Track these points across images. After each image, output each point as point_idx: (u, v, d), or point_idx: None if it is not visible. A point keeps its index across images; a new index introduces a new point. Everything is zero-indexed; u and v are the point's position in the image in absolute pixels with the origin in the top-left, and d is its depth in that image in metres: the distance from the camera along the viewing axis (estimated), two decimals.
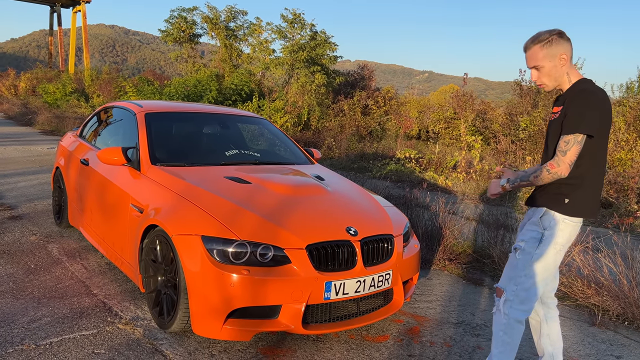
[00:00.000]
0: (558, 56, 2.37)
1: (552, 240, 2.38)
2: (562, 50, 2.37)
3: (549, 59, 2.38)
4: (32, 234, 4.84)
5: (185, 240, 2.82)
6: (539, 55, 2.40)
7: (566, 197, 2.36)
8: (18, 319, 3.08)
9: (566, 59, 2.38)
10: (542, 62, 2.40)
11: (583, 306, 3.91)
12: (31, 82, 29.61)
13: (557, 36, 2.37)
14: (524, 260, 2.43)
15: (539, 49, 2.39)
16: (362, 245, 2.99)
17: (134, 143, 3.85)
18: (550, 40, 2.37)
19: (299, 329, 2.77)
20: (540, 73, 2.43)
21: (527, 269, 2.41)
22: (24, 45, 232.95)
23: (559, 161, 2.30)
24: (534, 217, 2.46)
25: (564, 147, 2.29)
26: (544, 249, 2.39)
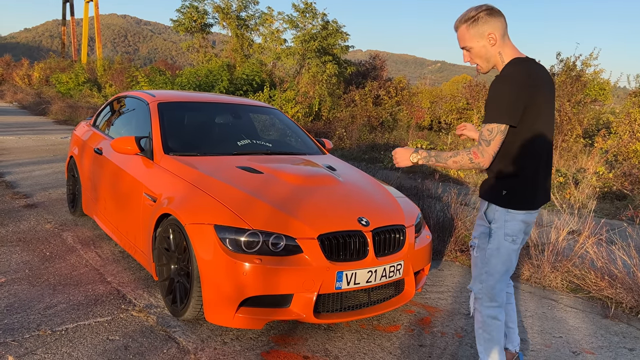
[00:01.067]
0: (486, 35, 2.19)
1: (501, 232, 2.26)
2: (490, 28, 2.18)
3: (477, 38, 2.21)
4: (47, 222, 4.91)
5: (198, 229, 2.84)
6: (466, 35, 2.23)
7: (503, 189, 2.23)
8: (34, 305, 3.13)
9: (495, 38, 2.19)
10: (470, 42, 2.23)
11: (596, 298, 3.88)
12: (44, 71, 29.84)
13: (485, 13, 2.19)
14: (481, 257, 2.33)
15: (466, 29, 2.22)
16: (373, 236, 2.99)
17: (147, 132, 3.87)
18: (476, 18, 2.19)
19: (310, 318, 2.79)
20: (471, 54, 2.26)
21: (486, 266, 2.32)
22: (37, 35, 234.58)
23: (482, 151, 2.15)
24: (481, 210, 2.35)
25: (488, 137, 2.14)
26: (496, 243, 2.27)
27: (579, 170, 9.30)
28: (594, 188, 7.68)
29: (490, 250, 2.29)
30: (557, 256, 4.26)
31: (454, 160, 2.22)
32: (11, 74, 33.95)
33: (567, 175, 8.75)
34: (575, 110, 12.38)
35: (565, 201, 6.90)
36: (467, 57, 2.30)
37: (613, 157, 10.54)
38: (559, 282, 4.11)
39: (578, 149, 11.75)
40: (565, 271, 4.14)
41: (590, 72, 14.27)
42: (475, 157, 2.17)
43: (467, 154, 2.19)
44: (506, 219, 2.25)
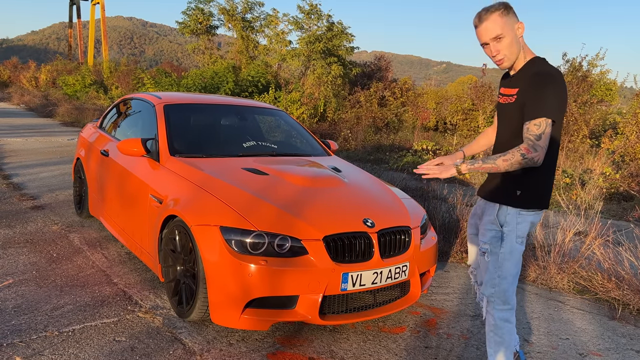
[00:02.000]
0: (516, 26, 2.19)
1: (514, 235, 2.27)
2: (518, 20, 2.20)
3: (510, 27, 2.16)
4: (54, 224, 4.94)
5: (204, 230, 2.85)
6: (499, 23, 2.15)
7: (518, 189, 2.23)
8: (41, 307, 3.15)
9: (522, 30, 2.20)
10: (503, 30, 2.16)
11: (603, 300, 3.86)
12: (51, 74, 30.03)
13: (509, 6, 2.20)
14: (493, 262, 2.32)
15: (499, 16, 2.16)
16: (379, 237, 2.98)
17: (153, 134, 3.89)
18: (506, 8, 2.17)
19: (315, 319, 2.79)
20: (502, 45, 2.19)
21: (499, 270, 2.31)
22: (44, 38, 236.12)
23: (535, 146, 2.09)
24: (489, 214, 2.33)
25: (537, 131, 2.09)
26: (509, 246, 2.28)
27: (585, 171, 9.25)
28: (600, 189, 7.64)
29: (504, 254, 2.28)
30: (563, 257, 4.24)
31: (503, 159, 2.14)
32: (18, 77, 34.17)
33: (574, 176, 8.70)
34: (582, 110, 12.33)
35: (572, 202, 6.87)
36: (495, 48, 2.21)
37: (620, 157, 10.48)
38: (566, 283, 4.09)
39: (584, 150, 11.69)
40: (571, 272, 4.13)
41: (596, 72, 14.20)
42: (527, 152, 2.10)
43: (517, 151, 2.12)
44: (518, 220, 2.25)
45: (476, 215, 2.57)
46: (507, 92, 2.30)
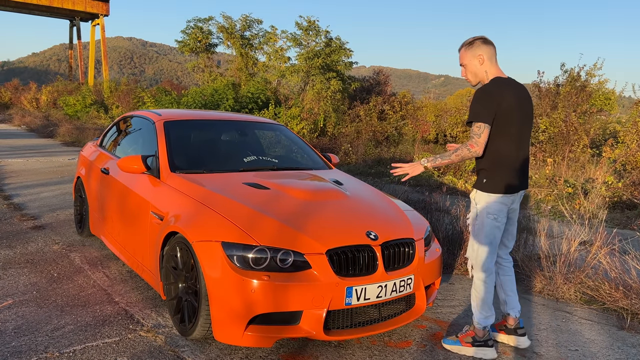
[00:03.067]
0: (477, 56, 2.88)
1: (485, 212, 2.91)
2: (481, 51, 2.88)
3: (470, 58, 2.90)
4: (54, 243, 4.91)
5: (206, 246, 2.81)
6: (464, 55, 2.93)
7: (484, 178, 2.90)
8: (42, 327, 3.11)
9: (483, 59, 2.87)
10: (465, 60, 2.92)
11: (611, 310, 3.81)
12: (52, 94, 30.23)
13: (480, 41, 2.89)
14: (472, 233, 3.00)
15: (464, 50, 2.92)
16: (382, 250, 2.95)
17: (153, 151, 3.88)
18: (472, 43, 2.90)
19: (320, 335, 2.74)
20: (466, 70, 2.95)
21: (476, 238, 2.97)
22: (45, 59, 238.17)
23: (475, 142, 2.79)
24: (471, 198, 3.01)
25: (478, 131, 2.79)
26: (481, 221, 2.93)
27: (587, 180, 9.22)
28: (603, 198, 7.60)
29: (478, 226, 2.96)
30: (569, 267, 4.19)
31: (456, 155, 2.86)
32: (19, 98, 34.41)
33: (576, 186, 8.67)
34: (582, 120, 12.33)
35: (575, 212, 6.83)
36: (463, 72, 2.99)
37: (621, 166, 10.46)
38: (573, 293, 4.04)
39: (586, 159, 11.66)
40: (578, 282, 4.08)
41: (594, 82, 14.24)
42: (472, 147, 2.82)
43: (465, 147, 2.84)
44: (487, 200, 2.90)
45: None
46: None
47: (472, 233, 3.00)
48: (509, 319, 3.15)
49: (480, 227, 2.94)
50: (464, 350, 3.01)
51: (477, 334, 3.01)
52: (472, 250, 3.01)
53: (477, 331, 3.02)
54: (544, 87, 13.46)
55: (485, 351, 2.99)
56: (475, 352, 2.99)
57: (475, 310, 3.03)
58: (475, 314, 3.04)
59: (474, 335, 3.02)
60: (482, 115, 2.78)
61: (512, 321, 3.14)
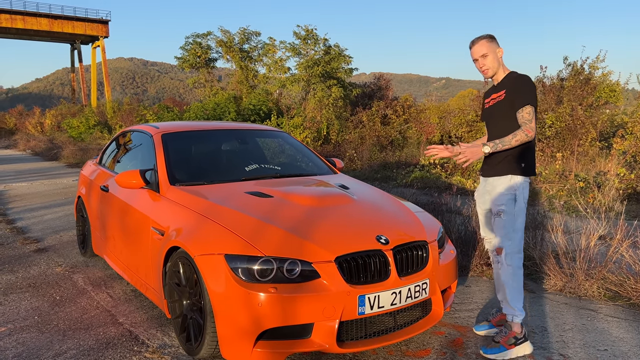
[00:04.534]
0: (496, 50, 3.03)
1: (522, 197, 2.96)
2: (498, 47, 3.05)
3: (493, 49, 3.02)
4: (57, 266, 4.79)
5: (208, 260, 2.68)
6: (485, 46, 3.01)
7: (523, 162, 2.96)
8: (43, 354, 2.97)
9: (501, 54, 3.05)
10: (489, 51, 3.00)
11: (638, 305, 3.63)
12: (56, 118, 30.41)
13: (494, 37, 3.05)
14: (508, 219, 2.96)
15: (486, 42, 3.02)
16: (394, 254, 2.80)
17: (152, 165, 3.76)
18: (493, 37, 3.05)
19: (333, 347, 2.59)
20: (486, 60, 3.02)
21: (514, 224, 2.96)
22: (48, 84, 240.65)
23: (531, 127, 2.85)
24: (502, 184, 2.98)
25: (529, 117, 2.86)
26: (519, 205, 2.96)
27: (598, 173, 9.02)
28: (617, 190, 7.41)
29: (517, 212, 2.96)
30: (590, 263, 4.01)
31: (515, 140, 2.85)
32: (24, 123, 34.63)
33: (587, 180, 8.47)
34: (588, 113, 12.14)
35: (590, 205, 6.64)
36: (482, 63, 3.03)
37: (632, 157, 10.24)
38: (595, 290, 3.86)
39: (595, 153, 11.45)
40: (600, 278, 3.90)
41: (598, 74, 14.04)
42: (528, 132, 2.85)
43: (522, 133, 2.85)
44: (524, 185, 2.98)
45: (485, 192, 3.14)
46: (494, 96, 3.08)
47: (508, 221, 2.94)
48: None
49: (519, 211, 2.95)
50: (510, 353, 2.89)
51: (517, 332, 2.94)
52: (508, 239, 2.95)
53: (516, 328, 2.95)
54: (547, 83, 13.29)
55: (526, 346, 2.94)
56: (520, 349, 2.91)
57: (514, 303, 2.95)
58: (514, 307, 2.95)
59: (515, 334, 2.93)
60: (533, 99, 2.88)
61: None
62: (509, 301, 2.96)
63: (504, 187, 2.98)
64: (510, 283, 2.96)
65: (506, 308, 3.00)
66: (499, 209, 2.98)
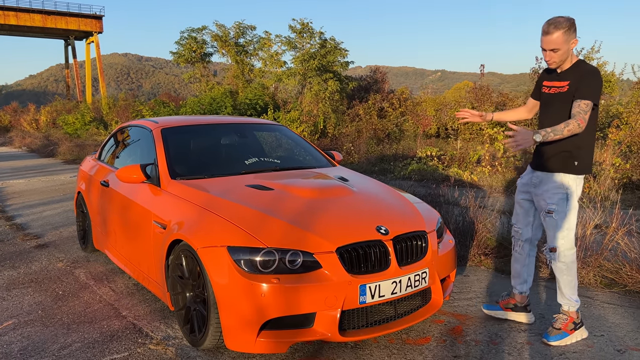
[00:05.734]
0: (571, 42, 2.80)
1: (574, 195, 2.93)
2: (574, 37, 2.81)
3: (566, 43, 2.79)
4: (58, 261, 4.82)
5: (211, 252, 2.71)
6: (560, 39, 2.78)
7: (575, 161, 2.88)
8: (48, 347, 3.01)
9: (575, 45, 2.83)
10: (561, 45, 2.79)
11: (633, 292, 3.69)
12: (51, 114, 30.24)
13: (573, 24, 2.79)
14: (561, 218, 2.93)
15: (562, 34, 2.77)
16: (394, 244, 2.84)
17: (152, 159, 3.78)
18: (570, 27, 2.78)
19: (335, 336, 2.63)
20: (556, 54, 2.83)
21: (567, 223, 2.93)
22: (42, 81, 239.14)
23: (584, 118, 2.75)
24: (553, 182, 2.94)
25: (585, 109, 2.76)
26: (571, 204, 2.93)
27: (594, 164, 9.09)
28: (612, 180, 7.47)
29: (569, 210, 2.92)
30: (586, 251, 4.07)
31: (567, 130, 2.76)
32: (19, 120, 34.44)
33: None
34: None
35: (585, 195, 6.70)
36: (550, 56, 2.86)
37: (627, 147, 10.31)
38: (592, 277, 3.92)
39: None
40: (597, 266, 3.96)
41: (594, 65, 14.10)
42: (581, 122, 2.75)
43: (575, 122, 2.75)
44: (577, 184, 2.92)
45: (530, 185, 3.10)
46: (557, 84, 2.94)
47: (561, 219, 2.92)
48: (522, 296, 3.28)
49: (570, 210, 2.93)
50: (573, 338, 2.99)
51: (574, 318, 3.03)
52: (561, 237, 2.95)
53: (573, 314, 3.03)
54: None
55: (583, 330, 3.05)
56: (578, 334, 3.02)
57: (569, 295, 3.02)
58: (570, 298, 3.02)
59: (574, 320, 3.02)
60: (596, 97, 2.79)
61: (524, 299, 3.28)
62: (565, 294, 3.03)
63: (555, 185, 2.93)
64: (564, 277, 3.00)
65: (561, 299, 3.06)
66: (550, 207, 2.94)
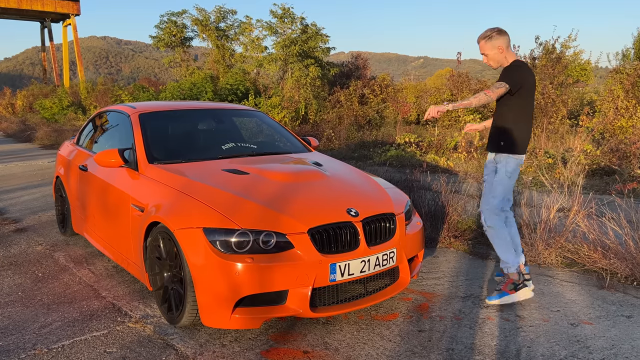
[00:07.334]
0: (497, 47, 3.35)
1: (502, 170, 3.40)
2: (499, 43, 3.35)
3: (490, 48, 3.37)
4: (38, 245, 4.87)
5: (187, 233, 2.82)
6: (485, 47, 3.39)
7: (502, 141, 3.40)
8: (29, 326, 3.10)
9: (503, 49, 3.35)
10: (487, 51, 3.39)
11: (591, 271, 3.91)
12: (27, 99, 29.63)
13: (496, 33, 3.35)
14: (488, 187, 3.48)
15: (485, 42, 3.38)
16: (364, 226, 2.99)
17: (130, 144, 3.85)
18: (490, 36, 3.36)
19: (307, 312, 2.78)
20: (487, 58, 3.42)
21: (492, 192, 3.44)
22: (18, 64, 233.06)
23: (493, 91, 3.23)
24: (490, 158, 3.52)
25: (498, 85, 3.25)
26: (498, 177, 3.42)
27: (567, 150, 9.36)
28: (582, 166, 7.73)
29: (496, 182, 3.42)
30: (549, 233, 4.27)
31: (475, 98, 3.24)
32: None
33: (556, 157, 8.79)
34: (559, 92, 12.48)
35: (555, 181, 6.94)
36: (485, 59, 3.44)
37: (599, 134, 10.62)
38: (554, 258, 4.12)
39: (564, 130, 11.82)
40: (558, 247, 4.16)
41: (570, 53, 14.38)
42: (488, 93, 3.23)
43: (483, 93, 3.24)
44: (506, 161, 3.38)
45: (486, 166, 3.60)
46: None
47: (488, 188, 3.47)
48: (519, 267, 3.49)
49: (499, 181, 3.41)
50: (514, 297, 3.33)
51: (514, 279, 3.37)
52: (486, 202, 3.45)
53: (513, 276, 3.39)
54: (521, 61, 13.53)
55: (527, 291, 3.38)
56: (521, 294, 3.35)
57: (504, 256, 3.42)
58: (506, 260, 3.41)
59: (513, 281, 3.37)
60: (509, 79, 3.25)
61: (521, 268, 3.49)
62: (500, 256, 3.45)
63: (489, 160, 3.53)
64: (495, 242, 3.45)
65: (501, 262, 3.45)
66: (484, 178, 3.57)
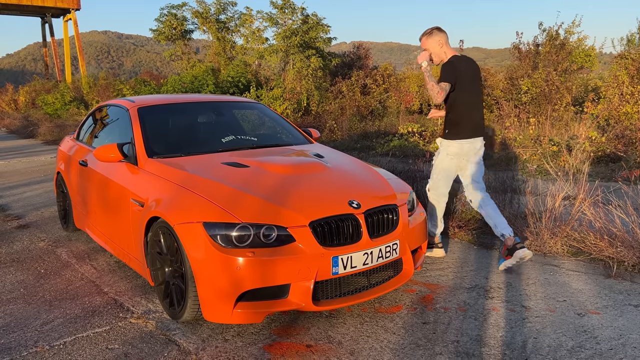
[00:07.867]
0: (437, 42, 3.78)
1: (443, 153, 3.90)
2: (439, 38, 3.78)
3: (432, 44, 3.79)
4: (40, 241, 4.85)
5: (188, 228, 2.79)
6: (426, 43, 3.82)
7: (446, 129, 3.87)
8: (31, 323, 3.08)
9: (442, 44, 3.78)
10: (428, 46, 3.81)
11: (598, 259, 3.86)
12: (30, 95, 29.62)
13: (436, 30, 3.80)
14: (433, 167, 4.02)
15: (426, 39, 3.82)
16: (366, 218, 2.94)
17: (129, 139, 3.81)
18: (431, 33, 3.80)
19: (309, 306, 2.75)
20: (430, 53, 3.80)
21: (433, 172, 4.01)
22: (20, 60, 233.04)
23: (442, 93, 3.66)
24: (437, 143, 3.99)
25: (445, 87, 3.67)
26: (439, 158, 3.94)
27: (572, 137, 9.26)
28: (587, 153, 7.65)
29: (438, 162, 3.95)
30: (555, 222, 4.22)
31: (432, 84, 3.67)
32: None
33: (560, 144, 8.70)
34: (563, 78, 12.33)
35: (560, 168, 6.87)
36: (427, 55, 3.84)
37: (605, 121, 10.50)
38: (560, 247, 4.08)
39: (569, 117, 11.70)
40: (564, 236, 4.11)
41: (574, 39, 14.20)
42: (440, 94, 3.68)
43: (437, 88, 3.66)
44: (448, 144, 3.85)
45: None
46: None
47: (433, 166, 4.02)
48: (507, 240, 3.71)
49: (440, 161, 3.92)
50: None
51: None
52: (430, 180, 4.02)
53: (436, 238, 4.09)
54: (523, 49, 13.41)
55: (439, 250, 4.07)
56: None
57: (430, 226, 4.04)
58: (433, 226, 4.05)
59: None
60: (448, 77, 3.70)
61: (510, 241, 3.69)
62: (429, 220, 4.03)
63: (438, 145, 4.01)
64: (429, 211, 4.05)
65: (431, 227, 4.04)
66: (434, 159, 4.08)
